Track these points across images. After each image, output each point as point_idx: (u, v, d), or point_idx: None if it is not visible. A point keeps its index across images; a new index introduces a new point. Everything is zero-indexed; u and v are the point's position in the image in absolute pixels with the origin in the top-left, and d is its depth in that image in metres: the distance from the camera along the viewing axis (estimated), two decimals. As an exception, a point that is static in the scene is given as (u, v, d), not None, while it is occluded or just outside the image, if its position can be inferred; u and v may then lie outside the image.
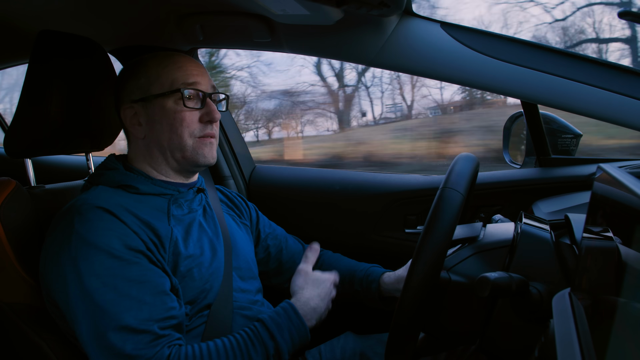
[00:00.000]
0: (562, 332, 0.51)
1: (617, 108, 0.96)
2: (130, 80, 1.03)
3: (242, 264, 1.11)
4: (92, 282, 0.83)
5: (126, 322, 0.82)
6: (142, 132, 1.02)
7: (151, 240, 0.91)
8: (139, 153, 1.05)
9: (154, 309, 0.85)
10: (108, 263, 0.84)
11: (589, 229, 0.58)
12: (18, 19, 1.27)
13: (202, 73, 1.04)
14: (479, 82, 1.05)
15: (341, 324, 1.50)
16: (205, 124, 1.02)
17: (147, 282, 0.86)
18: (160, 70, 1.01)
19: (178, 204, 1.03)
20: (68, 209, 0.92)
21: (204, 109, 1.02)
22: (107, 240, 0.86)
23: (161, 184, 1.02)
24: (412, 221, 1.54)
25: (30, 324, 0.95)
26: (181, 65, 1.02)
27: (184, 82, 1.00)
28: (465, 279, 0.80)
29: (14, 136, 1.06)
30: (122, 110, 1.03)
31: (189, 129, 1.00)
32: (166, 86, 1.00)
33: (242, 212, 1.27)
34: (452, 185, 0.74)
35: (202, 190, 1.12)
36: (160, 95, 1.00)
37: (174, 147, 1.01)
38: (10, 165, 1.32)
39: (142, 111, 1.01)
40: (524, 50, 1.03)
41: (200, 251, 1.01)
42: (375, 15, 1.00)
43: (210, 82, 1.05)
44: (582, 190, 1.28)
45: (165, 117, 1.00)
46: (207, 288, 0.99)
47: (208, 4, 1.17)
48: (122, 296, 0.83)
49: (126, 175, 1.00)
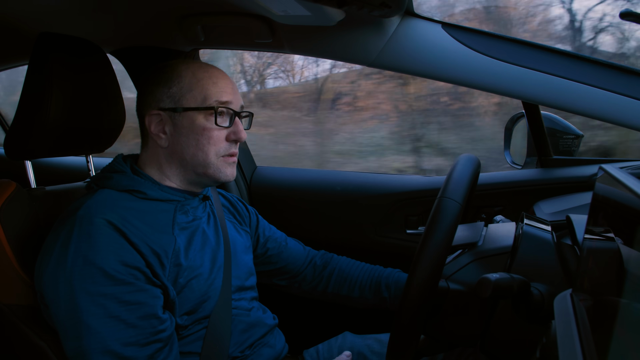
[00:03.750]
0: (564, 333, 0.51)
1: (617, 108, 0.96)
2: (160, 86, 1.00)
3: (240, 273, 1.11)
4: (83, 299, 0.82)
5: (111, 346, 0.82)
6: (165, 142, 1.00)
7: (153, 253, 0.90)
8: (156, 160, 1.02)
9: (142, 332, 0.85)
10: (102, 281, 0.83)
11: (590, 230, 0.58)
12: (18, 20, 1.27)
13: (234, 90, 1.02)
14: (480, 83, 1.05)
15: (339, 323, 1.51)
16: (230, 143, 1.01)
17: (138, 304, 0.85)
18: (194, 83, 0.99)
19: (184, 211, 1.02)
20: (69, 216, 0.90)
21: (232, 127, 1.01)
22: (104, 257, 0.84)
23: (169, 191, 1.01)
24: (414, 222, 1.54)
25: (30, 325, 0.95)
26: (216, 81, 1.00)
27: (218, 99, 0.98)
28: (464, 286, 0.80)
29: (14, 138, 1.06)
30: (147, 115, 1.01)
31: (215, 147, 0.99)
32: (199, 100, 0.98)
33: (244, 218, 1.27)
34: (449, 195, 0.74)
35: (208, 198, 1.12)
36: (192, 109, 0.98)
37: (197, 164, 0.99)
38: (10, 167, 1.32)
39: (169, 120, 0.99)
40: (525, 51, 1.03)
41: (200, 262, 1.00)
42: (376, 16, 1.00)
43: (240, 100, 1.04)
44: (583, 191, 1.28)
45: (193, 132, 0.98)
46: (205, 299, 0.98)
47: (209, 5, 1.17)
48: (110, 317, 0.83)
49: (134, 180, 0.98)
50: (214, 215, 1.12)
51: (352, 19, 1.07)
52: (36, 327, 0.95)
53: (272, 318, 1.15)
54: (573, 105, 0.99)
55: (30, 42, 1.07)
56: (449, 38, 1.07)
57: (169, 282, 0.92)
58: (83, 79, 1.09)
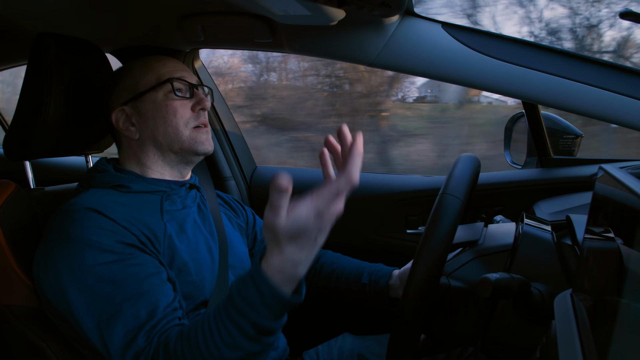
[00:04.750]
0: (564, 333, 0.51)
1: (617, 108, 0.96)
2: (116, 84, 1.04)
3: (237, 262, 1.10)
4: (88, 277, 0.83)
5: (129, 312, 0.81)
6: (135, 133, 1.03)
7: (144, 235, 0.90)
8: (131, 154, 1.05)
9: (154, 297, 0.84)
10: (101, 258, 0.84)
11: (590, 230, 0.58)
12: (18, 19, 1.27)
13: (185, 69, 1.07)
14: (480, 83, 1.05)
15: (339, 324, 1.50)
16: (197, 113, 1.04)
17: (143, 272, 0.85)
18: (144, 69, 1.03)
19: (171, 200, 1.03)
20: (58, 212, 0.92)
21: (194, 98, 1.04)
22: (97, 237, 0.85)
23: (153, 182, 1.02)
24: (414, 222, 1.54)
25: (29, 325, 0.95)
26: (165, 63, 1.05)
27: (171, 75, 1.02)
28: (465, 284, 0.80)
29: (13, 138, 1.06)
30: (112, 115, 1.03)
31: (183, 119, 1.01)
32: (153, 80, 1.02)
33: (237, 213, 1.27)
34: (451, 192, 0.75)
35: (196, 187, 1.12)
36: (149, 90, 1.01)
37: (171, 140, 1.01)
38: (10, 167, 1.32)
39: (133, 111, 1.02)
40: (525, 51, 1.03)
41: (195, 246, 1.00)
42: (376, 15, 1.00)
43: (194, 77, 1.07)
44: (583, 190, 1.28)
45: (157, 111, 1.00)
46: (202, 284, 0.98)
47: (209, 5, 1.17)
48: (120, 288, 0.82)
49: (117, 176, 1.00)
50: (205, 206, 1.12)
51: (352, 18, 1.07)
52: (35, 327, 0.95)
53: None
54: (573, 105, 0.99)
55: (29, 41, 1.07)
56: (449, 38, 1.07)
57: (165, 262, 0.92)
58: (82, 79, 1.09)
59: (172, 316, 0.84)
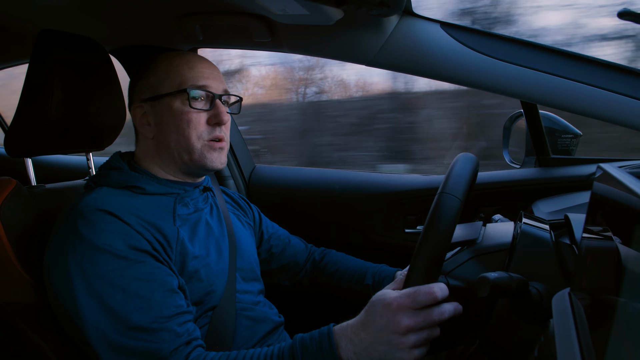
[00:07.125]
0: (562, 332, 0.51)
1: (617, 108, 0.97)
2: (141, 79, 1.03)
3: (245, 264, 1.11)
4: (99, 284, 0.82)
5: (137, 322, 0.81)
6: (150, 132, 1.02)
7: (157, 241, 0.90)
8: (148, 153, 1.04)
9: (164, 307, 0.83)
10: (114, 264, 0.83)
11: (588, 229, 0.58)
12: (18, 18, 1.27)
13: (214, 74, 1.03)
14: (479, 82, 1.05)
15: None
16: (213, 127, 1.01)
17: (155, 280, 0.85)
18: (170, 69, 1.00)
19: (184, 203, 1.02)
20: (70, 211, 0.91)
21: (212, 110, 1.01)
22: (111, 242, 0.85)
23: (167, 184, 1.02)
24: (412, 221, 1.54)
25: (30, 323, 0.95)
26: (192, 66, 1.01)
27: (193, 83, 0.99)
28: (464, 283, 0.80)
29: (15, 136, 1.06)
30: (132, 109, 1.03)
31: (196, 131, 0.99)
32: (174, 86, 0.99)
33: (246, 212, 1.28)
34: (449, 191, 0.75)
35: (209, 189, 1.12)
36: (167, 95, 0.99)
37: (182, 150, 1.00)
38: (11, 165, 1.32)
39: (150, 111, 1.01)
40: (524, 50, 1.04)
41: (206, 252, 1.00)
42: (375, 15, 1.00)
43: (223, 84, 1.04)
44: (581, 190, 1.28)
45: (172, 118, 0.99)
46: (212, 289, 0.98)
47: (208, 4, 1.17)
48: (131, 296, 0.82)
49: (131, 176, 0.99)
50: (217, 207, 1.12)
51: (351, 18, 1.07)
52: (36, 326, 0.95)
53: (277, 315, 1.15)
54: (572, 104, 0.99)
55: (30, 40, 1.07)
56: (447, 37, 1.07)
57: (176, 269, 0.92)
58: (84, 77, 1.09)
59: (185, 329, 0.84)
